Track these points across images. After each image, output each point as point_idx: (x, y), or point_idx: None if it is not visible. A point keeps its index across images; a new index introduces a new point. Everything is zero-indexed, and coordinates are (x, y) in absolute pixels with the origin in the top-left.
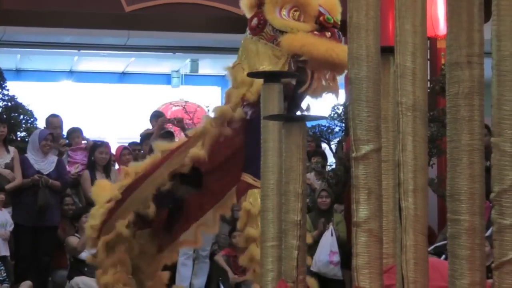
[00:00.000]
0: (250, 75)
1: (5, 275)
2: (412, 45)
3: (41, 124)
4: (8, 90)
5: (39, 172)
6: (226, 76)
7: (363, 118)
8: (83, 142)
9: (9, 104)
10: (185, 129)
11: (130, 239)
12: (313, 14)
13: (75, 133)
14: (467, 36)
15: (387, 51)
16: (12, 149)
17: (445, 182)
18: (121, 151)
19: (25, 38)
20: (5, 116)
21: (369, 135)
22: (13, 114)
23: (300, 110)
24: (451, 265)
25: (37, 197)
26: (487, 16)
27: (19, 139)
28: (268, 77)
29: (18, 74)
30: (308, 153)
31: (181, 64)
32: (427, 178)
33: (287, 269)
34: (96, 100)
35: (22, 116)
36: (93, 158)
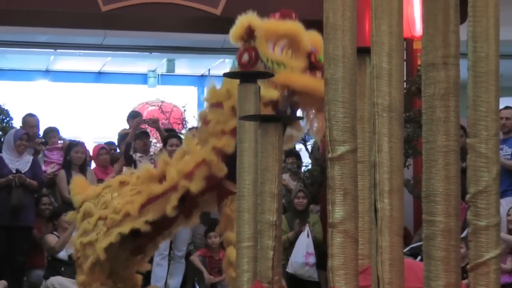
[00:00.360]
0: (226, 75)
1: None
2: (388, 46)
3: (17, 124)
4: None
5: (18, 171)
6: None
7: (339, 119)
8: (59, 142)
9: None
10: (160, 130)
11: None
12: (305, 52)
13: (52, 133)
14: (443, 37)
15: (364, 52)
16: None
17: (421, 183)
18: (98, 151)
19: (1, 37)
20: None
21: (345, 136)
22: None
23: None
24: (427, 266)
25: (11, 197)
26: (463, 18)
27: None
28: (244, 78)
29: None
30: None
31: (158, 64)
32: (403, 179)
33: (263, 270)
34: (72, 100)
35: None
36: (69, 158)
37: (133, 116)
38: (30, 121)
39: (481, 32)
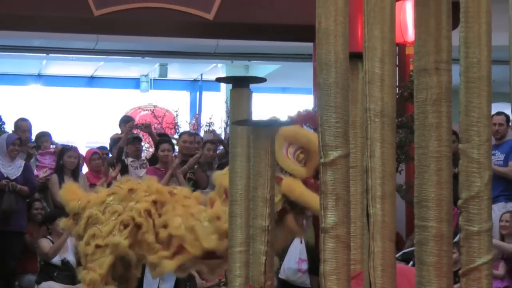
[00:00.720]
0: (218, 80)
1: None
2: (381, 51)
3: (9, 128)
4: None
5: (7, 178)
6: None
7: (332, 124)
8: (52, 146)
9: None
10: (153, 134)
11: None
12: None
13: (44, 137)
14: (435, 43)
15: (356, 57)
16: None
17: (413, 189)
18: (91, 156)
19: None
20: None
21: (337, 141)
22: None
23: None
24: (419, 272)
25: (2, 202)
26: (455, 23)
27: None
28: (237, 82)
29: None
30: None
31: (150, 69)
32: (395, 184)
33: (255, 275)
34: (65, 104)
35: None
36: (62, 162)
37: (125, 121)
38: (23, 126)
39: (473, 38)
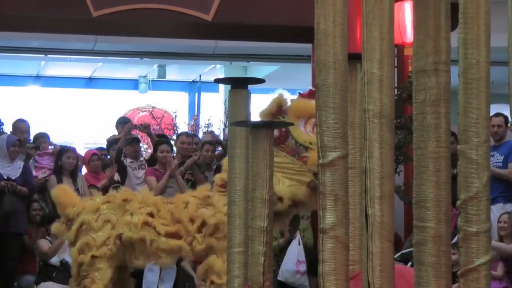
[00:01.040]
0: (216, 81)
1: None
2: (379, 52)
3: (8, 129)
4: None
5: (9, 179)
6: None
7: (330, 125)
8: (50, 147)
9: None
10: (152, 135)
11: None
12: None
13: (42, 138)
14: (434, 44)
15: (355, 58)
16: None
17: (412, 189)
18: (90, 157)
19: None
20: None
21: (336, 142)
22: None
23: None
24: (417, 272)
25: (3, 203)
26: (454, 24)
27: None
28: (235, 83)
29: None
30: None
31: (149, 70)
32: (394, 185)
33: (254, 275)
34: (63, 105)
35: None
36: (60, 163)
37: (122, 122)
38: (21, 127)
39: (472, 39)
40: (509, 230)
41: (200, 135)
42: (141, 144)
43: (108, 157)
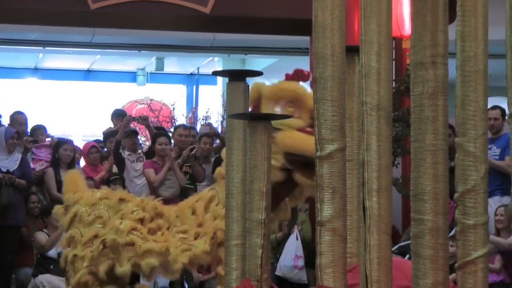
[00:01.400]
0: (214, 74)
1: None
2: (377, 45)
3: (5, 121)
4: None
5: (8, 172)
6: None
7: (328, 118)
8: (47, 140)
9: None
10: (150, 127)
11: None
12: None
13: (39, 131)
14: (432, 37)
15: (352, 51)
16: None
17: (410, 182)
18: (89, 149)
19: None
20: None
21: (334, 135)
22: None
23: None
24: (415, 265)
25: (0, 196)
26: (452, 17)
27: None
28: (233, 76)
29: None
30: None
31: (147, 62)
32: (391, 178)
33: (251, 268)
34: (61, 98)
35: None
36: (57, 156)
37: (117, 114)
38: (19, 119)
39: (470, 32)
40: (506, 223)
41: (198, 128)
42: (139, 137)
43: (105, 150)
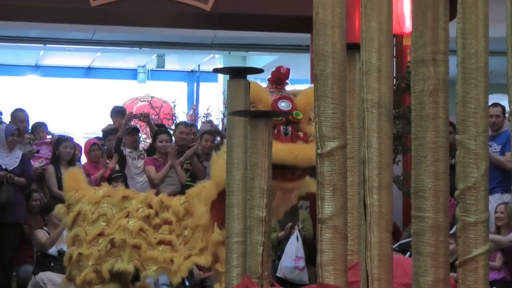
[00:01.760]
0: (215, 71)
1: None
2: (378, 42)
3: (6, 119)
4: None
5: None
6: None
7: (329, 115)
8: (48, 137)
9: None
10: (151, 124)
11: None
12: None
13: (40, 128)
14: (433, 34)
15: (353, 48)
16: None
17: (410, 179)
18: (90, 146)
19: None
20: None
21: (335, 132)
22: None
23: None
24: (415, 262)
25: (1, 194)
26: (452, 14)
27: None
28: (234, 73)
29: None
30: None
31: (147, 59)
32: (392, 175)
33: (252, 265)
34: (62, 95)
35: None
36: (58, 153)
37: (117, 112)
38: (20, 116)
39: (471, 29)
40: (506, 221)
41: (199, 125)
42: (140, 134)
43: (105, 147)
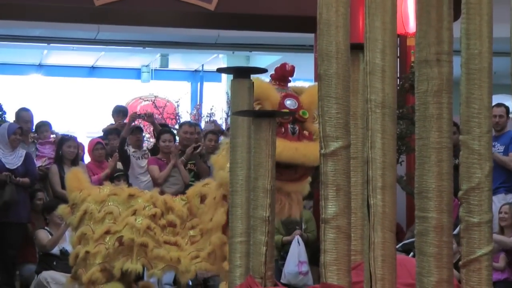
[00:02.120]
0: (219, 71)
1: None
2: (382, 42)
3: (10, 118)
4: None
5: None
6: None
7: (332, 115)
8: (52, 136)
9: None
10: (155, 124)
11: None
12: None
13: (44, 127)
14: (437, 34)
15: (357, 48)
16: None
17: (414, 180)
18: (94, 145)
19: None
20: None
21: (338, 132)
22: None
23: None
24: (419, 262)
25: (4, 193)
26: (457, 15)
27: None
28: (238, 73)
29: None
30: None
31: (151, 59)
32: (396, 176)
33: (255, 265)
34: (66, 94)
35: None
36: (61, 152)
37: (118, 111)
38: (24, 116)
39: (475, 29)
40: (510, 221)
41: (203, 125)
42: (143, 134)
43: (108, 146)
